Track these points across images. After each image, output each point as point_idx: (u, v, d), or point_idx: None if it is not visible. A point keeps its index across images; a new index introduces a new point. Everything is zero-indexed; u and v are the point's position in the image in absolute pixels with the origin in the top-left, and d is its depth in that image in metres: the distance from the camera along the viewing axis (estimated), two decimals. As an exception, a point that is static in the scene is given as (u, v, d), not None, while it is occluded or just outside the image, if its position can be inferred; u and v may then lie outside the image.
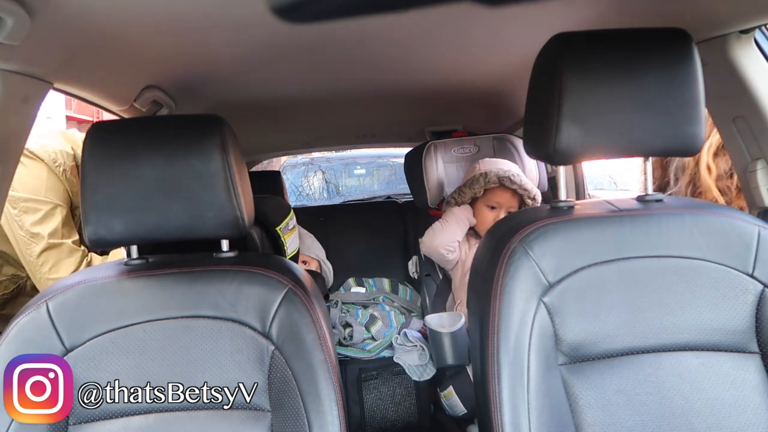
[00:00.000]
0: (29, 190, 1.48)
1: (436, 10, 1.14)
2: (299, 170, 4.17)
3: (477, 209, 1.81)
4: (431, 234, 1.80)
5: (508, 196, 1.77)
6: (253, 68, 1.52)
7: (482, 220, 1.79)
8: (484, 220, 1.79)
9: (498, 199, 1.77)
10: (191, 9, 1.05)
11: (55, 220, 1.48)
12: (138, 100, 1.48)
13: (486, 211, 1.79)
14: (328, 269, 2.15)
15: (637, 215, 0.96)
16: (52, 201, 1.49)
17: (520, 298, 0.89)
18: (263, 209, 1.25)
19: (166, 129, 0.97)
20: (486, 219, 1.78)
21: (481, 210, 1.80)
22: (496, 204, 1.78)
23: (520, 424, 0.85)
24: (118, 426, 0.89)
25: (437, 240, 1.76)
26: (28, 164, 1.49)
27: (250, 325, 0.92)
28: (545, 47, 0.94)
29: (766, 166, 1.18)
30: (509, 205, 1.78)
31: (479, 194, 1.77)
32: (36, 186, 1.49)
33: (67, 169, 1.53)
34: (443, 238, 1.76)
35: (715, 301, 0.91)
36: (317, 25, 0.39)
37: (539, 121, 0.94)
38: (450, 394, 1.63)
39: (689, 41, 0.92)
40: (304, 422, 0.87)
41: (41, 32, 0.96)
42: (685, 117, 0.91)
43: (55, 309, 0.92)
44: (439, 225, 1.79)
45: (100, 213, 0.91)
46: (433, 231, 1.80)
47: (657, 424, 0.87)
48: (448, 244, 1.75)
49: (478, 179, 1.77)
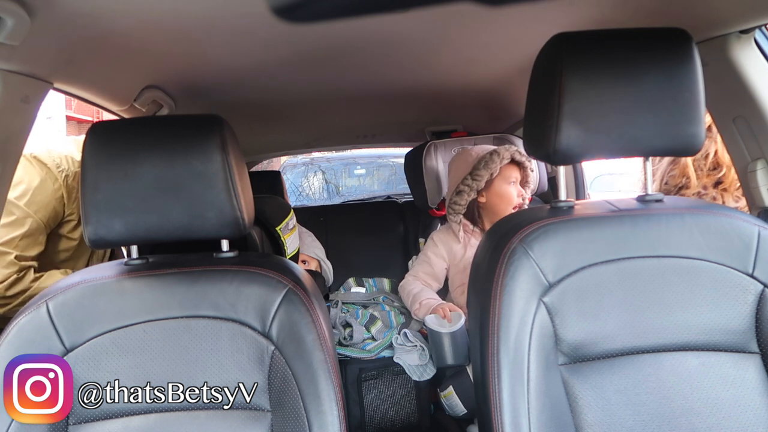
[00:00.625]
0: (14, 200, 1.47)
1: (436, 10, 1.14)
2: (299, 170, 4.17)
3: (495, 190, 1.77)
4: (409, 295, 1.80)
5: (517, 172, 1.78)
6: (253, 68, 1.52)
7: (507, 198, 1.76)
8: (509, 197, 1.76)
9: (515, 174, 1.77)
10: (191, 9, 1.05)
11: (19, 230, 1.47)
12: (138, 100, 1.48)
13: (508, 188, 1.77)
14: (328, 268, 2.15)
15: (637, 215, 0.96)
16: (27, 211, 1.48)
17: (520, 298, 0.89)
18: (263, 209, 1.25)
19: (166, 129, 0.97)
20: (510, 195, 1.77)
21: (501, 188, 1.77)
22: (515, 178, 1.77)
23: (520, 424, 0.85)
24: (118, 426, 0.89)
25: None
26: (26, 167, 1.49)
27: (250, 325, 0.92)
28: (545, 47, 0.94)
29: (766, 166, 1.18)
30: (521, 179, 1.79)
31: (496, 173, 1.74)
32: (21, 196, 1.48)
33: (70, 175, 1.53)
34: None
35: (715, 301, 0.91)
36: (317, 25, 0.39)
37: (539, 121, 0.94)
38: (450, 394, 1.63)
39: (689, 41, 0.92)
40: (304, 422, 0.87)
41: (41, 32, 0.96)
42: (685, 117, 0.91)
43: (55, 309, 0.92)
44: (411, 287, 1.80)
45: (100, 213, 0.91)
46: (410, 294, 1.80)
47: (657, 424, 0.87)
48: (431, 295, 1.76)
49: (492, 158, 1.74)
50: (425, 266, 1.84)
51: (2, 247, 1.46)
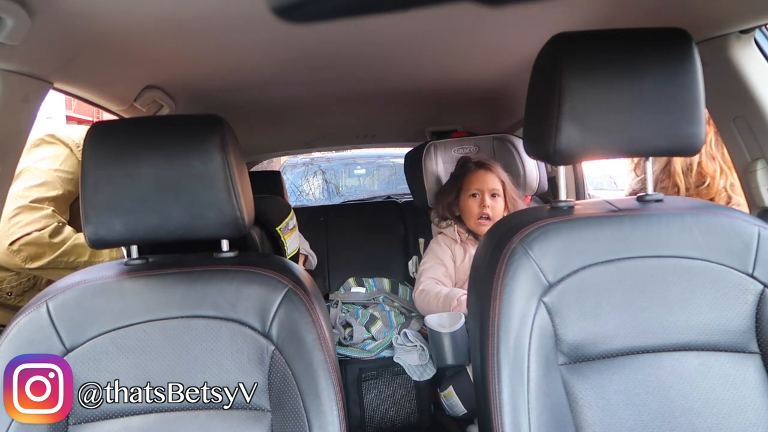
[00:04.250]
0: (42, 167, 1.50)
1: (436, 10, 1.14)
2: (299, 170, 4.17)
3: (461, 202, 1.84)
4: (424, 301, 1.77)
5: (488, 178, 1.81)
6: (253, 68, 1.52)
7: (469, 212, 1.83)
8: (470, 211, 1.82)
9: (479, 186, 1.80)
10: (191, 9, 1.05)
11: (51, 192, 1.48)
12: (138, 100, 1.48)
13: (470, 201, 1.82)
14: (313, 260, 2.14)
15: (637, 215, 0.96)
16: (57, 177, 1.50)
17: (520, 298, 0.89)
18: (263, 209, 1.25)
19: (166, 129, 0.97)
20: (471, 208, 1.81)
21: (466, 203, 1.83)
22: (477, 191, 1.80)
23: (520, 424, 0.85)
24: (118, 426, 0.89)
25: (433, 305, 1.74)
26: (48, 145, 1.52)
27: (250, 325, 0.92)
28: (545, 47, 0.94)
29: (766, 166, 1.18)
30: (491, 188, 1.80)
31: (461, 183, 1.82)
32: (49, 165, 1.51)
33: None
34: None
35: (715, 301, 0.91)
36: (317, 25, 0.39)
37: (539, 121, 0.94)
38: (450, 394, 1.63)
39: (689, 41, 0.92)
40: (304, 422, 0.87)
41: (41, 32, 0.96)
42: (685, 117, 0.91)
43: (55, 309, 0.91)
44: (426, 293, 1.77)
45: (100, 213, 0.91)
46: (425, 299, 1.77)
47: (657, 424, 0.87)
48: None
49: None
50: (440, 268, 1.83)
51: (36, 204, 1.45)
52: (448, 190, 1.87)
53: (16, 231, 1.42)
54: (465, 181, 1.81)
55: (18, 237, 1.42)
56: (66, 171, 1.53)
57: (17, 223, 1.43)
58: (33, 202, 1.46)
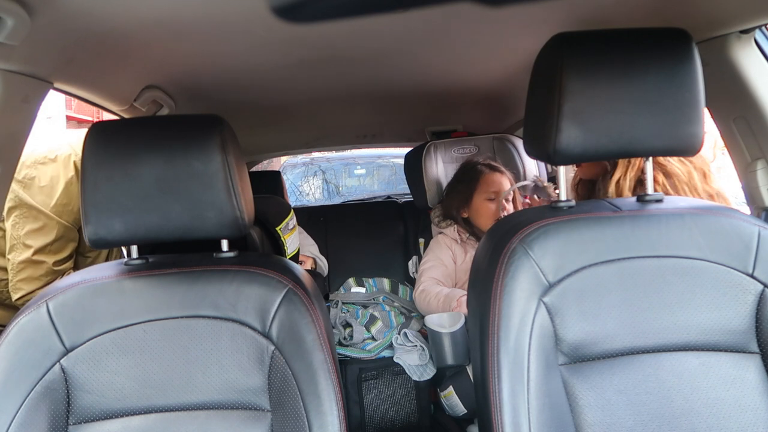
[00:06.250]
0: (44, 193, 1.58)
1: (436, 10, 1.15)
2: (299, 170, 4.17)
3: (474, 206, 1.85)
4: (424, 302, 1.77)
5: (503, 180, 1.84)
6: (253, 68, 1.52)
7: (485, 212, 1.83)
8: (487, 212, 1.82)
9: (496, 188, 1.82)
10: (191, 9, 1.05)
11: (49, 234, 1.59)
12: (138, 100, 1.48)
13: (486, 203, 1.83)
14: (323, 264, 2.15)
15: (637, 215, 0.96)
16: (55, 217, 1.58)
17: (520, 298, 0.89)
18: (263, 209, 1.25)
19: (166, 129, 0.96)
20: (488, 210, 1.82)
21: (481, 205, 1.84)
22: (494, 193, 1.81)
23: (520, 424, 0.85)
24: (117, 426, 0.89)
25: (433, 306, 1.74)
26: (54, 169, 1.59)
27: (250, 325, 0.92)
28: (545, 47, 0.94)
29: (766, 166, 1.18)
30: (506, 190, 1.83)
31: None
32: (51, 188, 1.58)
33: None
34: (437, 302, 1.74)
35: (715, 301, 0.91)
36: (317, 25, 0.39)
37: (539, 121, 0.94)
38: (450, 394, 1.63)
39: (689, 41, 0.92)
40: (304, 422, 0.87)
41: (41, 32, 0.96)
42: (685, 117, 0.91)
43: (55, 309, 0.92)
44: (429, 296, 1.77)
45: (100, 213, 0.91)
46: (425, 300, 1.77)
47: (657, 424, 0.87)
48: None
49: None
50: (440, 268, 1.84)
51: (38, 256, 1.58)
52: (461, 192, 1.87)
53: (22, 287, 1.61)
54: (480, 183, 1.82)
55: (24, 294, 1.61)
56: (63, 205, 1.59)
57: (23, 280, 1.61)
58: (36, 253, 1.58)
